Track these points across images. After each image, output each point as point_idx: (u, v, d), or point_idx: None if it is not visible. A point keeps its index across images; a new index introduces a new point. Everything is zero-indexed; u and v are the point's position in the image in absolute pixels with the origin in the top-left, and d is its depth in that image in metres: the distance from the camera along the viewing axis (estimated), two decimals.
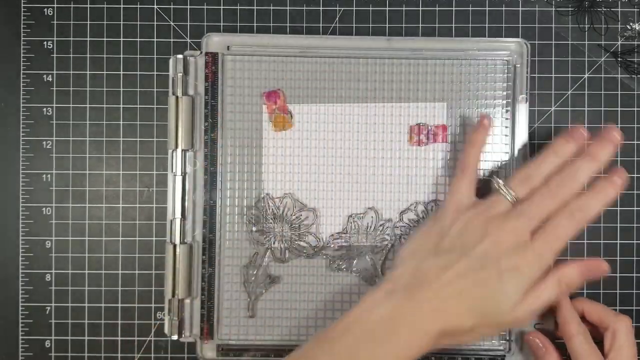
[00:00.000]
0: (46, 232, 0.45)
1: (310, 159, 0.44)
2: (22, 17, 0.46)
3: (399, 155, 0.44)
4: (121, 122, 0.46)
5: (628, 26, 0.45)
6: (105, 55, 0.46)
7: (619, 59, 0.45)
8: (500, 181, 0.39)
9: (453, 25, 0.45)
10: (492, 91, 0.44)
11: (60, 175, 0.45)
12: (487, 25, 0.45)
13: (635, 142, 0.45)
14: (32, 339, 0.45)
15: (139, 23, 0.46)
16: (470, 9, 0.45)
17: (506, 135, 0.44)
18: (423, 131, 0.44)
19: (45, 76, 0.46)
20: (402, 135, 0.44)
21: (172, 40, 0.45)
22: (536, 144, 0.45)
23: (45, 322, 0.45)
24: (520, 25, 0.45)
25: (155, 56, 0.45)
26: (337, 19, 0.45)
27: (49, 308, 0.45)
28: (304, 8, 0.46)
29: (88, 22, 0.46)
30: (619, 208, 0.45)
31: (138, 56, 0.45)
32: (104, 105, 0.45)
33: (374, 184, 0.44)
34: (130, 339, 0.45)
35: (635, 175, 0.45)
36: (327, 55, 0.44)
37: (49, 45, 0.46)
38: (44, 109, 0.46)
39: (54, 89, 0.46)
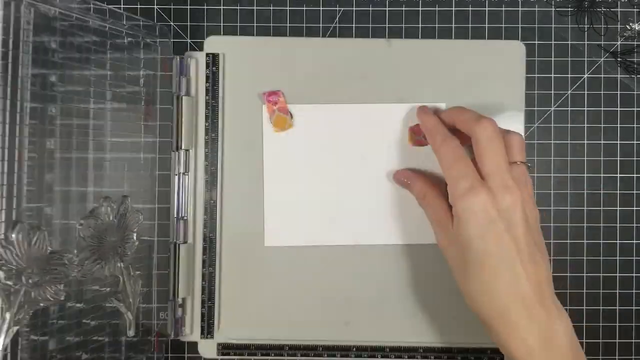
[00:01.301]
0: (47, 232, 0.45)
1: (310, 159, 0.44)
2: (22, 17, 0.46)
3: (398, 156, 0.44)
4: (124, 123, 0.45)
5: (628, 26, 0.45)
6: (107, 55, 0.45)
7: (619, 59, 0.45)
8: None
9: (453, 25, 0.45)
10: (492, 92, 0.44)
11: (60, 175, 0.45)
12: (486, 25, 0.45)
13: (635, 142, 0.45)
14: (32, 339, 0.45)
15: (140, 24, 0.46)
16: (470, 9, 0.45)
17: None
18: (423, 131, 0.44)
19: (45, 76, 0.45)
20: (403, 135, 0.44)
21: (172, 40, 0.46)
22: (536, 144, 0.45)
23: (46, 322, 0.45)
24: (520, 26, 0.45)
25: (159, 56, 0.45)
26: (337, 19, 0.45)
27: (49, 308, 0.45)
28: (304, 8, 0.46)
29: (89, 22, 0.46)
30: (618, 208, 0.45)
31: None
32: (106, 105, 0.45)
33: (373, 187, 0.44)
34: (131, 339, 0.45)
35: (635, 175, 0.45)
36: (327, 56, 0.44)
37: (49, 45, 0.46)
38: (44, 109, 0.45)
39: (54, 88, 0.46)
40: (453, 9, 0.46)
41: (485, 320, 0.36)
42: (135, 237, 0.41)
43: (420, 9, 0.46)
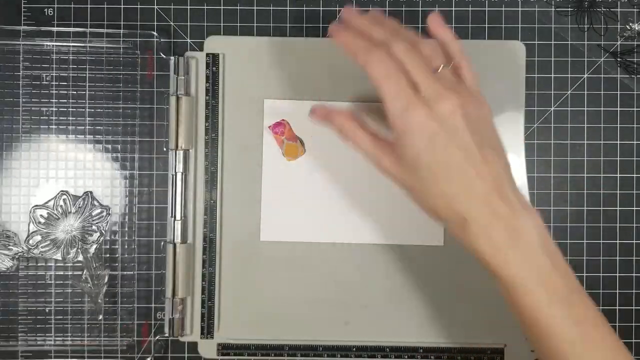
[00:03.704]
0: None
1: (305, 160, 0.44)
2: (22, 17, 0.46)
3: None
4: (122, 122, 0.46)
5: (627, 26, 0.45)
6: (105, 56, 0.46)
7: (619, 59, 0.45)
8: None
9: (452, 25, 0.45)
10: (492, 92, 0.44)
11: (60, 175, 0.45)
12: (486, 25, 0.45)
13: (635, 142, 0.45)
14: (32, 339, 0.45)
15: (139, 23, 0.46)
16: (469, 9, 0.45)
17: None
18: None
19: (45, 76, 0.46)
20: None
21: (172, 40, 0.45)
22: (536, 144, 0.45)
23: (46, 322, 0.45)
24: (519, 26, 0.45)
25: (155, 56, 0.45)
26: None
27: (49, 308, 0.45)
28: (304, 8, 0.46)
29: (88, 22, 0.46)
30: (618, 208, 0.45)
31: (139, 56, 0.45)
32: (104, 105, 0.46)
33: (373, 186, 0.44)
34: (131, 339, 0.45)
35: (635, 175, 0.45)
36: (327, 56, 0.44)
37: (49, 46, 0.46)
38: (44, 109, 0.46)
39: (54, 89, 0.46)
40: (453, 9, 0.46)
41: (452, 229, 0.35)
42: (99, 232, 0.44)
43: (420, 9, 0.46)
